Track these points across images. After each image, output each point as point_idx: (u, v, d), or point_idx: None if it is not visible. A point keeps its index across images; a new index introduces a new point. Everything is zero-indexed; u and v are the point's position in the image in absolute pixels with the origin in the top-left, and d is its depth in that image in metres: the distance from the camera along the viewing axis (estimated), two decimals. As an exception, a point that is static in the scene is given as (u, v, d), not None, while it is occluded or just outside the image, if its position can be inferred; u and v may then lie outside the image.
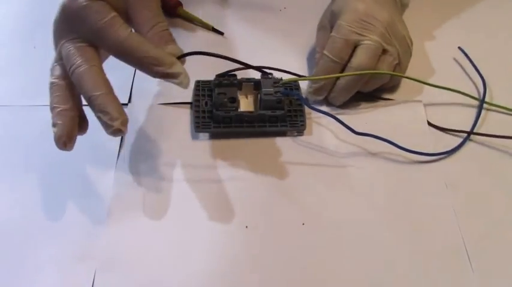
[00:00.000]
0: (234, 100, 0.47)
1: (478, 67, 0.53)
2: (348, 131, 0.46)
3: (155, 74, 0.39)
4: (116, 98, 0.38)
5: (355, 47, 0.47)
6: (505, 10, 0.60)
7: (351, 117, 0.49)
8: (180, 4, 0.58)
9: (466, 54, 0.54)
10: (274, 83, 0.47)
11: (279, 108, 0.47)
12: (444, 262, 0.41)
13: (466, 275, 0.40)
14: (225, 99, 0.46)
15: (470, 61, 0.54)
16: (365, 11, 0.47)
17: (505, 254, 0.41)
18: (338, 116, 0.46)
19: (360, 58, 0.46)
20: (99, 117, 0.38)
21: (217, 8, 0.59)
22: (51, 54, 0.41)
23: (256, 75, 0.48)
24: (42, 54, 0.53)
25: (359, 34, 0.47)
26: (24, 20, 0.57)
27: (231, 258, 0.41)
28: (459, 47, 0.55)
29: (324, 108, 0.49)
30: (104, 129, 0.38)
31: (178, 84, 0.39)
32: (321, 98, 0.49)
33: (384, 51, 0.47)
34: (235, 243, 0.41)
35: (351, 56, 0.47)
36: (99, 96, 0.38)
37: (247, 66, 0.44)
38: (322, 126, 0.48)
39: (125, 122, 0.38)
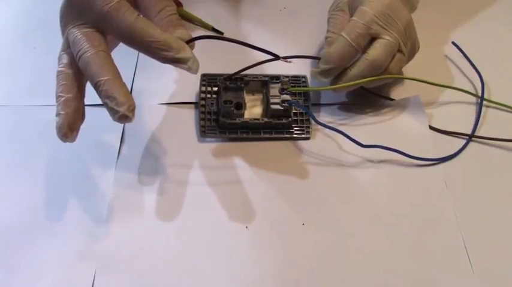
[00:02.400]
0: (241, 106, 0.47)
1: (474, 63, 0.53)
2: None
3: (163, 60, 0.38)
4: (123, 84, 0.37)
5: (373, 38, 0.46)
6: (497, 3, 0.60)
7: (353, 121, 0.49)
8: (180, 4, 0.58)
9: (460, 50, 0.54)
10: (282, 89, 0.47)
11: (285, 116, 0.47)
12: (444, 262, 0.41)
13: (466, 275, 0.40)
14: (232, 108, 0.46)
15: (466, 57, 0.53)
16: (390, 4, 0.46)
17: (505, 254, 0.41)
18: (341, 121, 0.46)
19: (378, 52, 0.46)
20: (105, 104, 0.37)
21: (217, 8, 0.59)
22: (51, 54, 0.41)
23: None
24: (42, 54, 0.53)
25: (381, 26, 0.46)
26: (24, 20, 0.57)
27: (232, 258, 0.41)
28: (453, 42, 0.55)
29: (330, 119, 0.49)
30: (111, 115, 0.37)
31: (188, 69, 0.38)
32: (325, 80, 0.48)
33: (399, 50, 0.47)
34: (236, 243, 0.41)
35: (366, 46, 0.46)
36: (106, 82, 0.37)
37: (261, 50, 0.41)
38: (326, 130, 0.48)
39: (131, 107, 0.37)
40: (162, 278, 0.39)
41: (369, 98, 0.51)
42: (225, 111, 0.46)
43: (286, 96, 0.47)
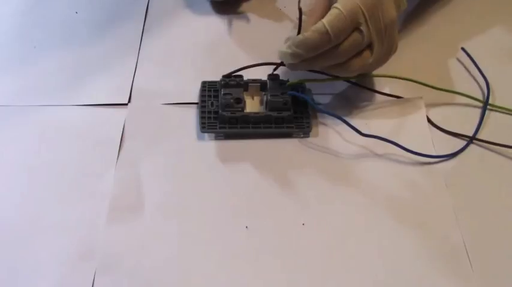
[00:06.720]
0: (240, 101, 0.47)
1: (481, 68, 0.53)
2: (353, 132, 0.46)
3: None
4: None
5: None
6: (508, 10, 0.60)
7: (354, 117, 0.49)
8: None
9: (469, 55, 0.54)
10: (281, 84, 0.47)
11: (285, 109, 0.47)
12: (444, 262, 0.41)
13: (466, 275, 0.40)
14: (231, 100, 0.46)
15: (474, 62, 0.53)
16: None
17: (505, 254, 0.41)
18: (343, 117, 0.46)
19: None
20: None
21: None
22: (52, 53, 0.41)
23: (263, 75, 0.49)
24: (42, 54, 0.53)
25: (364, 17, 0.43)
26: (24, 20, 0.57)
27: (231, 258, 0.41)
28: (462, 48, 0.55)
29: (329, 109, 0.49)
30: None
31: None
32: (292, 62, 0.44)
33: (370, 46, 0.44)
34: (236, 243, 0.41)
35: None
36: None
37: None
38: (328, 128, 0.48)
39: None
40: (162, 278, 0.40)
41: (372, 95, 0.51)
42: (224, 103, 0.46)
43: (286, 90, 0.47)
